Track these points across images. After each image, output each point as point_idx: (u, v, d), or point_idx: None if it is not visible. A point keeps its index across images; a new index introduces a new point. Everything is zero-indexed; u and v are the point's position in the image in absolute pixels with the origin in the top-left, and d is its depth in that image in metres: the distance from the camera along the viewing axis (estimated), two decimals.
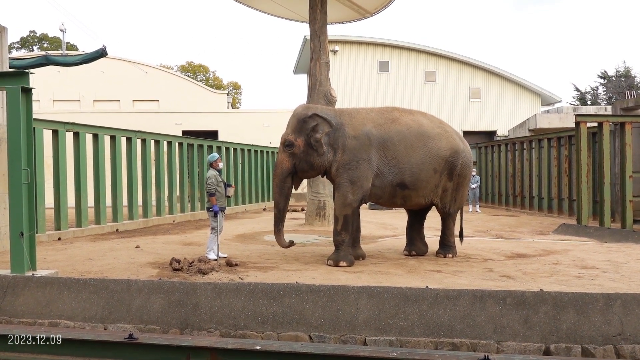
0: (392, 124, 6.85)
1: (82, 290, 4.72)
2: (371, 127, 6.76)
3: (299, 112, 6.85)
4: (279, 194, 6.84)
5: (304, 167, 6.77)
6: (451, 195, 7.16)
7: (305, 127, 6.65)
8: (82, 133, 10.56)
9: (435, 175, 6.90)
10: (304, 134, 6.66)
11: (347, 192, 6.59)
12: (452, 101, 24.30)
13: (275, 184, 6.87)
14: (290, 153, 6.69)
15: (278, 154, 6.92)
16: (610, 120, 12.08)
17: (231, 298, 4.50)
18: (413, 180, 6.77)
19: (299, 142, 6.66)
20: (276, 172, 6.86)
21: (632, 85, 30.46)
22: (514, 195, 17.44)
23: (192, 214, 13.99)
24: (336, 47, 23.20)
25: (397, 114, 7.03)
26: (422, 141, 6.81)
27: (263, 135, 21.02)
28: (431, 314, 4.26)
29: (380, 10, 13.71)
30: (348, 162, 6.61)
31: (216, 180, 7.24)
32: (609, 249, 8.25)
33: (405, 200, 6.98)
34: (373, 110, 7.11)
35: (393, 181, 6.74)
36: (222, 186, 7.31)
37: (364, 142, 6.65)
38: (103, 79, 23.19)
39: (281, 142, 6.81)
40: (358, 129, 6.73)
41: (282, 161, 6.76)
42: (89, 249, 8.23)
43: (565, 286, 5.37)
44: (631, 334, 4.10)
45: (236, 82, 44.27)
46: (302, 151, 6.67)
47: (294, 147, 6.66)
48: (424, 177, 6.81)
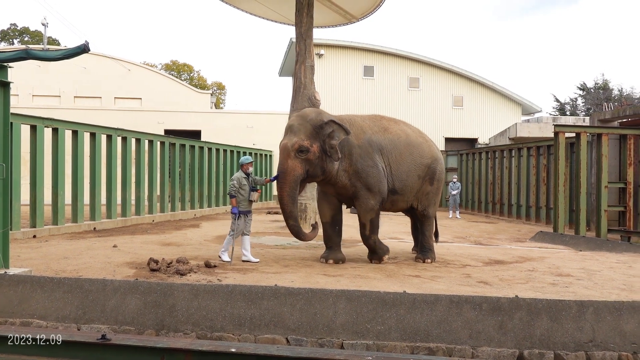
0: (384, 132, 7.17)
1: (55, 290, 4.63)
2: (370, 134, 7.04)
3: (313, 118, 6.66)
4: (292, 203, 6.49)
5: (316, 173, 6.63)
6: (431, 199, 7.55)
7: (322, 133, 6.57)
8: (61, 129, 10.37)
9: (419, 181, 7.32)
10: (319, 140, 6.56)
11: (367, 199, 6.84)
12: (435, 108, 24.55)
13: (287, 193, 6.46)
14: (303, 159, 6.48)
15: (285, 161, 6.50)
16: (588, 131, 12.36)
17: (208, 300, 4.47)
18: (402, 186, 7.16)
19: (315, 148, 6.51)
20: (287, 180, 6.46)
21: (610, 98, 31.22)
22: (493, 202, 17.69)
23: (172, 214, 13.84)
24: (322, 51, 23.25)
25: (385, 123, 7.35)
26: (409, 150, 7.23)
27: (247, 136, 20.93)
28: (408, 319, 4.29)
29: (366, 15, 13.79)
30: (357, 172, 6.80)
31: (239, 183, 6.97)
32: (584, 257, 8.42)
33: (392, 205, 7.31)
34: (365, 118, 7.33)
35: (386, 186, 7.03)
36: (246, 189, 7.04)
37: (367, 150, 6.90)
38: (84, 75, 22.82)
39: (292, 147, 6.46)
40: (360, 136, 6.95)
41: (294, 168, 6.46)
42: (64, 247, 8.07)
43: (540, 293, 5.46)
44: (602, 341, 4.19)
45: (220, 83, 44.07)
46: (317, 157, 6.54)
47: (309, 153, 6.47)
48: (409, 184, 7.22)
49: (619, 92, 32.36)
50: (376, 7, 13.13)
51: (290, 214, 6.55)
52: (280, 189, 6.54)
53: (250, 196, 7.08)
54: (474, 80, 24.83)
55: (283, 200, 6.52)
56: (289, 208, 6.51)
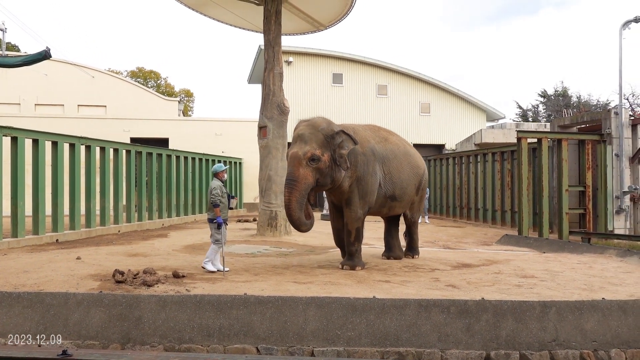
0: (385, 142, 7.61)
1: (14, 305, 4.45)
2: (374, 143, 7.39)
3: (325, 128, 6.82)
4: (299, 210, 6.56)
5: (326, 182, 6.79)
6: (417, 205, 8.33)
7: (333, 143, 6.78)
8: (21, 138, 10.00)
9: (414, 189, 7.93)
10: (330, 149, 6.75)
11: (357, 208, 7.08)
12: (403, 115, 24.94)
13: (296, 199, 6.51)
14: (314, 168, 6.62)
15: (297, 169, 6.58)
16: (549, 136, 12.80)
17: (176, 311, 4.38)
18: (401, 193, 7.63)
19: (325, 157, 6.68)
20: (298, 187, 6.53)
21: (569, 104, 32.43)
22: (460, 206, 18.05)
23: (139, 223, 13.53)
24: (290, 58, 23.31)
25: (384, 134, 7.83)
26: (407, 159, 7.80)
27: (215, 143, 20.71)
28: (378, 324, 4.32)
29: (334, 23, 13.93)
30: (359, 178, 7.08)
31: (221, 191, 6.89)
32: (547, 258, 8.68)
33: (390, 210, 7.75)
34: (365, 128, 7.72)
35: (386, 193, 7.45)
36: (226, 197, 6.99)
37: (370, 158, 7.22)
38: (46, 82, 22.12)
39: (304, 156, 6.57)
40: (365, 145, 7.23)
41: (305, 176, 6.58)
42: (24, 260, 7.76)
43: (505, 294, 5.58)
44: (565, 340, 4.32)
45: (188, 90, 43.48)
46: (328, 166, 6.72)
47: (320, 162, 6.63)
48: (408, 191, 7.76)
49: (578, 99, 33.66)
50: (343, 16, 13.29)
51: (298, 221, 6.62)
52: (289, 194, 6.55)
53: (230, 203, 7.07)
54: (441, 87, 25.37)
55: (291, 206, 6.54)
56: (296, 215, 6.56)
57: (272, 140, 11.85)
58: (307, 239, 10.98)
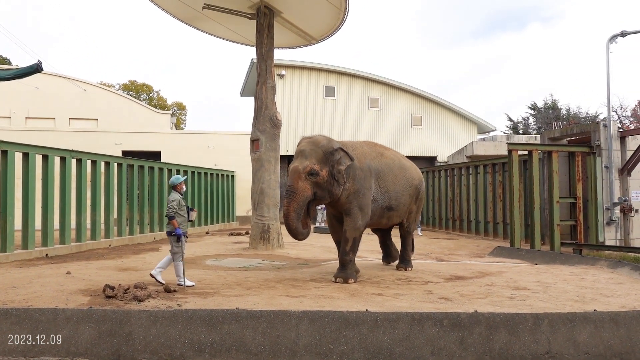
0: (381, 157, 8.02)
1: (2, 321, 4.38)
2: (370, 159, 7.78)
3: (324, 145, 7.21)
4: (297, 219, 6.88)
5: (324, 195, 7.14)
6: (414, 217, 8.69)
7: (332, 159, 7.14)
8: (11, 152, 9.93)
9: (409, 199, 8.32)
10: (329, 165, 7.12)
11: (357, 218, 7.37)
12: (395, 127, 25.08)
13: (294, 209, 6.86)
14: (313, 182, 6.98)
15: (296, 182, 6.93)
16: (539, 149, 12.92)
17: (167, 326, 4.33)
18: (397, 203, 8.05)
19: (324, 172, 7.05)
20: (296, 199, 6.87)
21: (559, 117, 32.83)
22: (453, 218, 18.10)
23: (131, 237, 13.41)
24: (283, 72, 23.44)
25: (380, 149, 8.25)
26: (402, 172, 8.20)
27: (208, 157, 20.68)
28: (371, 338, 4.29)
29: (326, 37, 14.04)
30: (357, 191, 7.40)
31: (179, 204, 6.80)
32: (539, 270, 8.70)
33: (389, 220, 8.16)
34: (363, 144, 8.10)
35: (383, 205, 7.83)
36: (184, 210, 6.91)
37: (367, 174, 7.57)
38: (37, 96, 22.07)
39: (304, 170, 6.95)
40: (362, 161, 7.62)
41: (304, 189, 6.92)
42: (13, 275, 7.65)
43: (498, 307, 5.58)
44: (557, 352, 4.32)
45: (181, 103, 43.52)
46: (326, 181, 7.08)
47: (318, 176, 6.99)
48: (403, 201, 8.16)
49: (567, 111, 34.07)
50: (335, 29, 13.40)
51: (295, 230, 6.93)
52: (288, 204, 6.91)
53: (189, 216, 6.98)
54: (432, 100, 25.58)
55: (289, 215, 6.87)
56: (294, 224, 6.88)
57: (264, 153, 11.85)
58: (300, 252, 10.94)
